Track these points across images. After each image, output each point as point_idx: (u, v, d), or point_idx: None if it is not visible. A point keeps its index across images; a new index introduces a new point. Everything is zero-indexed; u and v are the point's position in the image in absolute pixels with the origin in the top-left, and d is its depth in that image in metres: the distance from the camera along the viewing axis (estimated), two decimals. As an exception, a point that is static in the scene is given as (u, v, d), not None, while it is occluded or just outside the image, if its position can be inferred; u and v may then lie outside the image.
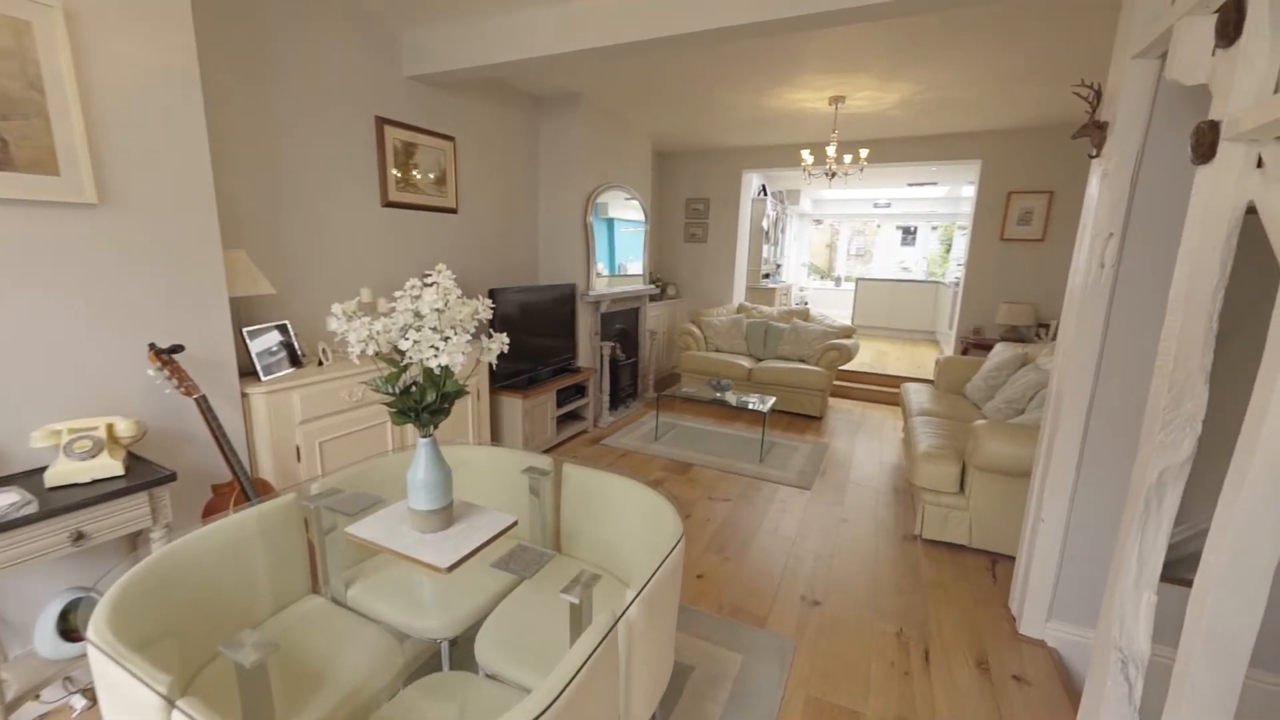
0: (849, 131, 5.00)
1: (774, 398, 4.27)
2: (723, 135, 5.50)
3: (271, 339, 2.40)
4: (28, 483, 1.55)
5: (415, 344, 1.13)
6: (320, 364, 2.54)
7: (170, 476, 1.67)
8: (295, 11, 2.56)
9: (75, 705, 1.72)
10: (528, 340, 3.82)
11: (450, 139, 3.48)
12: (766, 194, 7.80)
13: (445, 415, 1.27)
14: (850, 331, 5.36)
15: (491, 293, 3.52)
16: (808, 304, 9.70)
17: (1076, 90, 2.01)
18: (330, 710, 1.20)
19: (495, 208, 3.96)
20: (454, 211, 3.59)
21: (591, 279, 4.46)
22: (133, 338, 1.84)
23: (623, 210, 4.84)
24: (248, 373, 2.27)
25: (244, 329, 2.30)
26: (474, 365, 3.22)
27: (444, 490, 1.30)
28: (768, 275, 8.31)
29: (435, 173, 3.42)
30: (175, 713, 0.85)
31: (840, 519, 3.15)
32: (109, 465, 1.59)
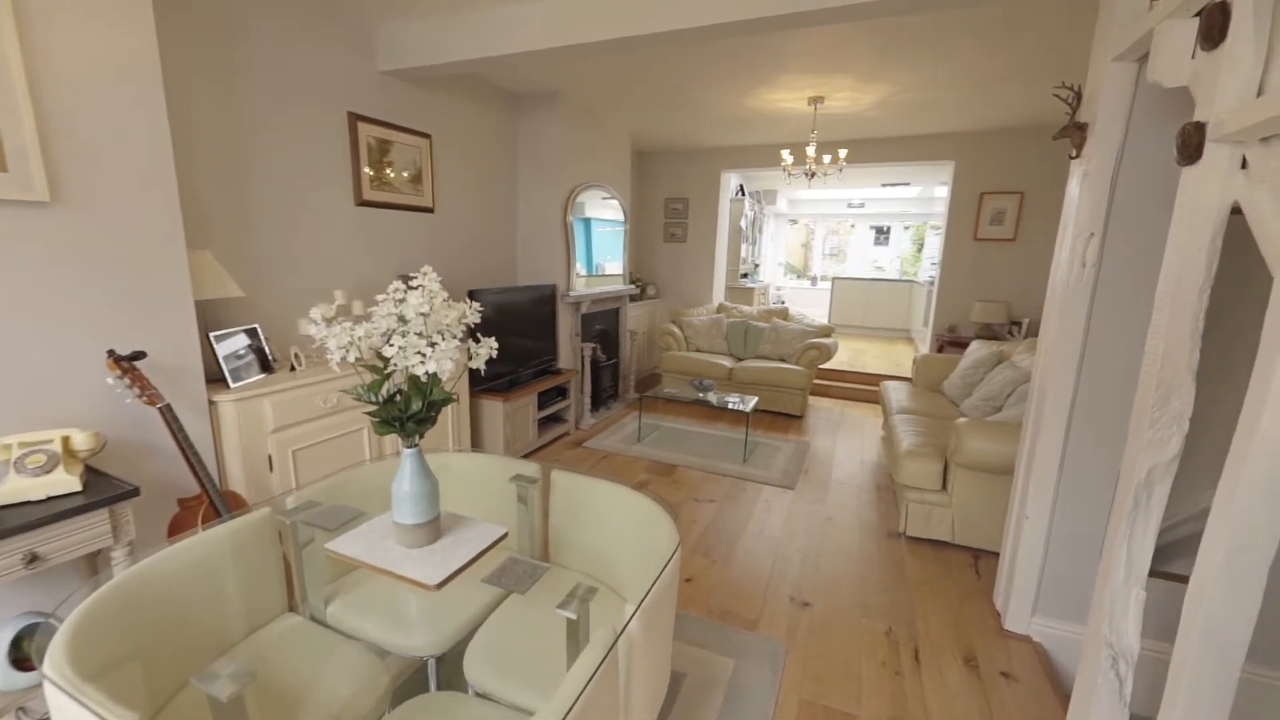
0: (826, 132, 5.04)
1: (756, 397, 4.27)
2: (702, 135, 5.49)
3: (240, 344, 2.29)
4: (-26, 502, 1.43)
5: (401, 350, 1.07)
6: (293, 369, 2.44)
7: (132, 492, 1.57)
8: (263, 0, 2.45)
9: (30, 738, 1.60)
10: (508, 342, 3.74)
11: (426, 136, 3.39)
12: (744, 194, 7.83)
13: (431, 424, 1.22)
14: (829, 330, 5.41)
15: (471, 294, 3.44)
16: (784, 303, 9.78)
17: (1057, 92, 2.04)
18: (312, 738, 1.14)
19: (473, 207, 3.88)
20: (430, 211, 3.50)
21: (572, 279, 4.40)
22: (90, 344, 1.73)
23: (602, 210, 4.79)
24: (215, 379, 2.17)
25: (211, 333, 2.19)
26: (462, 371, 3.15)
27: (431, 502, 1.24)
28: (746, 275, 8.35)
29: (411, 171, 3.32)
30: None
31: (825, 518, 3.16)
32: (65, 481, 1.48)
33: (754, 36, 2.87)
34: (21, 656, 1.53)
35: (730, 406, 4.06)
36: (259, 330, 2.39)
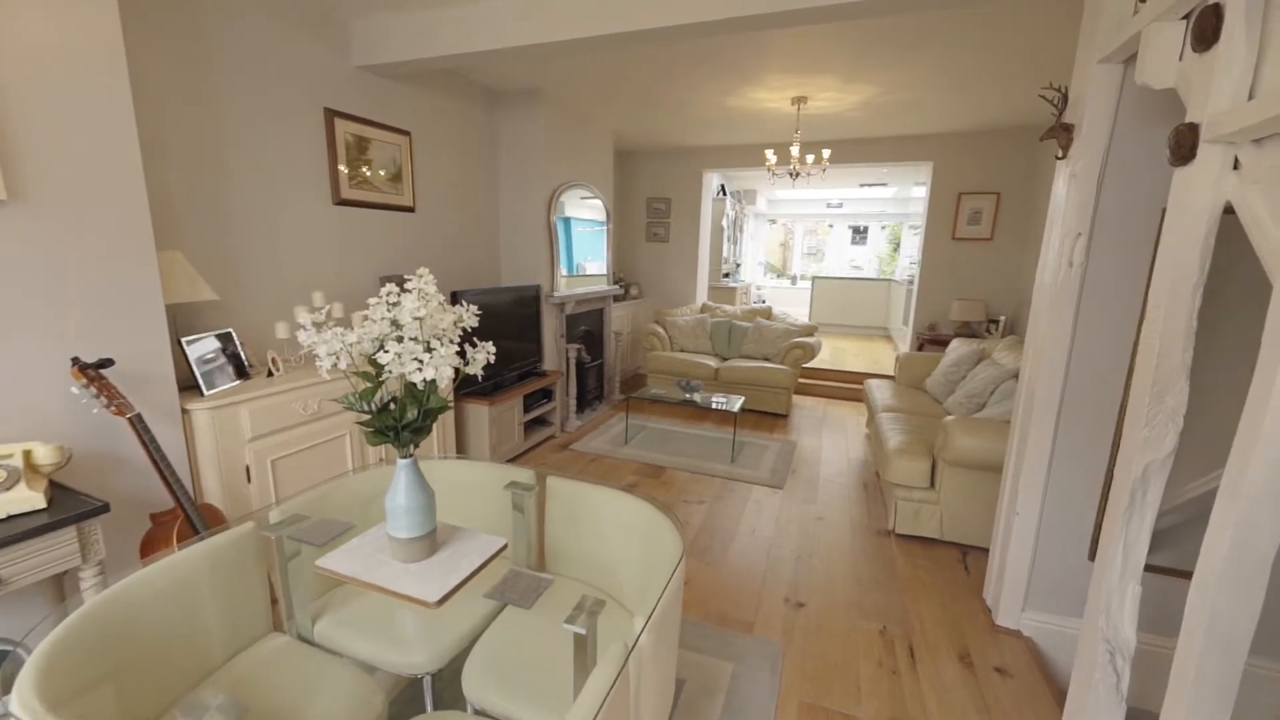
0: (808, 133, 5.07)
1: (743, 397, 4.27)
2: (684, 134, 5.47)
3: (214, 349, 2.19)
4: (-74, 523, 1.33)
5: (397, 357, 1.02)
6: (270, 374, 2.35)
7: (101, 508, 1.48)
8: (234, -9, 2.35)
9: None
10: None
11: (406, 133, 3.30)
12: (726, 193, 7.85)
13: (427, 433, 1.17)
14: (812, 330, 5.44)
15: (454, 295, 3.37)
16: (765, 302, 9.84)
17: (1043, 93, 2.07)
18: (305, 766, 1.08)
19: (455, 206, 3.79)
20: (411, 210, 3.41)
21: (556, 280, 4.34)
22: (53, 351, 1.62)
23: (584, 209, 4.73)
24: (188, 387, 2.06)
25: (182, 339, 2.08)
26: (461, 377, 3.07)
27: (427, 515, 1.19)
28: (728, 274, 8.37)
29: (390, 169, 3.23)
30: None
31: (815, 517, 3.16)
32: (28, 498, 1.39)
33: (737, 35, 2.87)
34: (-19, 687, 1.43)
35: (718, 407, 4.05)
36: (234, 335, 2.29)
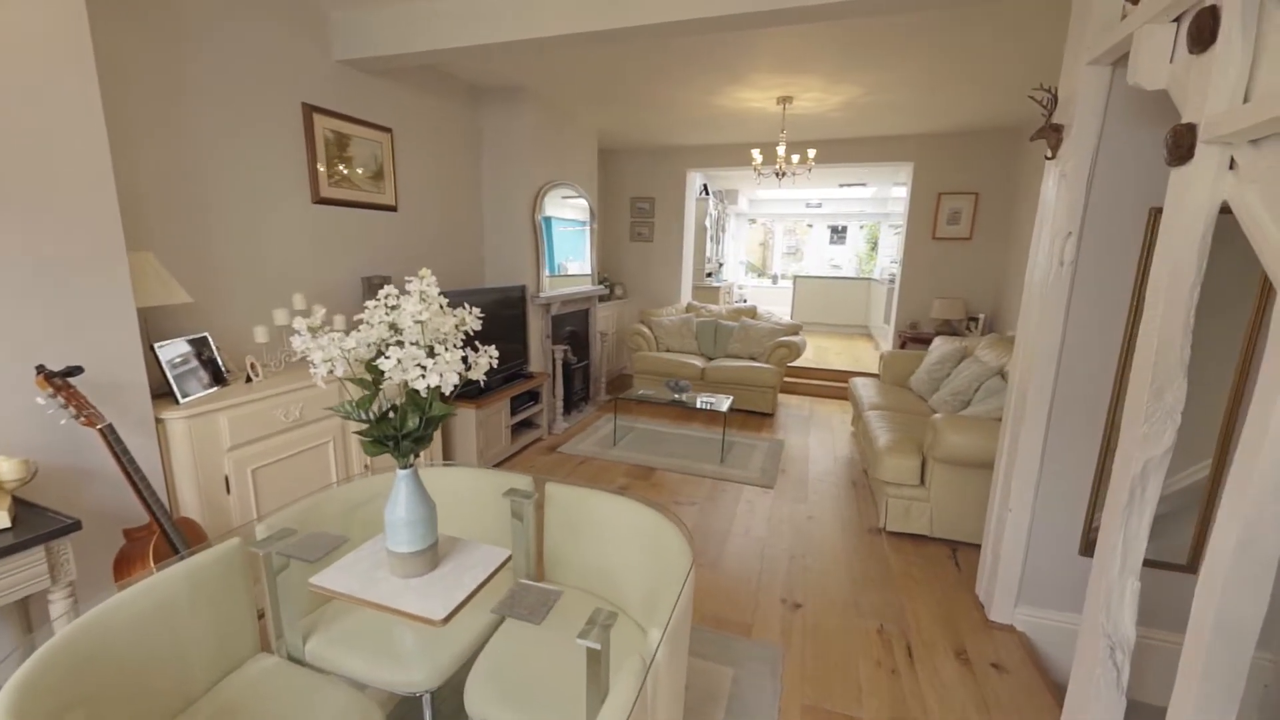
0: (792, 133, 5.08)
1: (731, 397, 4.27)
2: (669, 133, 5.45)
3: (189, 354, 2.09)
4: (-123, 547, 1.23)
5: (399, 363, 0.97)
6: (249, 380, 2.25)
7: (72, 526, 1.39)
8: (206, -20, 2.25)
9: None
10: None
11: (387, 130, 3.21)
12: (708, 193, 7.86)
13: (428, 443, 1.11)
14: (797, 329, 5.47)
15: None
16: (746, 301, 9.89)
17: (1033, 95, 2.09)
18: (302, 797, 1.02)
19: (438, 205, 3.71)
20: (393, 209, 3.32)
21: (542, 280, 4.28)
22: (16, 359, 1.52)
23: (568, 209, 4.67)
24: (162, 394, 1.97)
25: (155, 344, 1.98)
26: (463, 383, 2.99)
27: (429, 527, 1.14)
28: (710, 274, 8.38)
29: (372, 167, 3.14)
30: None
31: (807, 516, 3.17)
32: (-10, 517, 1.30)
33: (727, 34, 2.85)
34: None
35: (706, 407, 4.03)
36: (209, 339, 2.19)
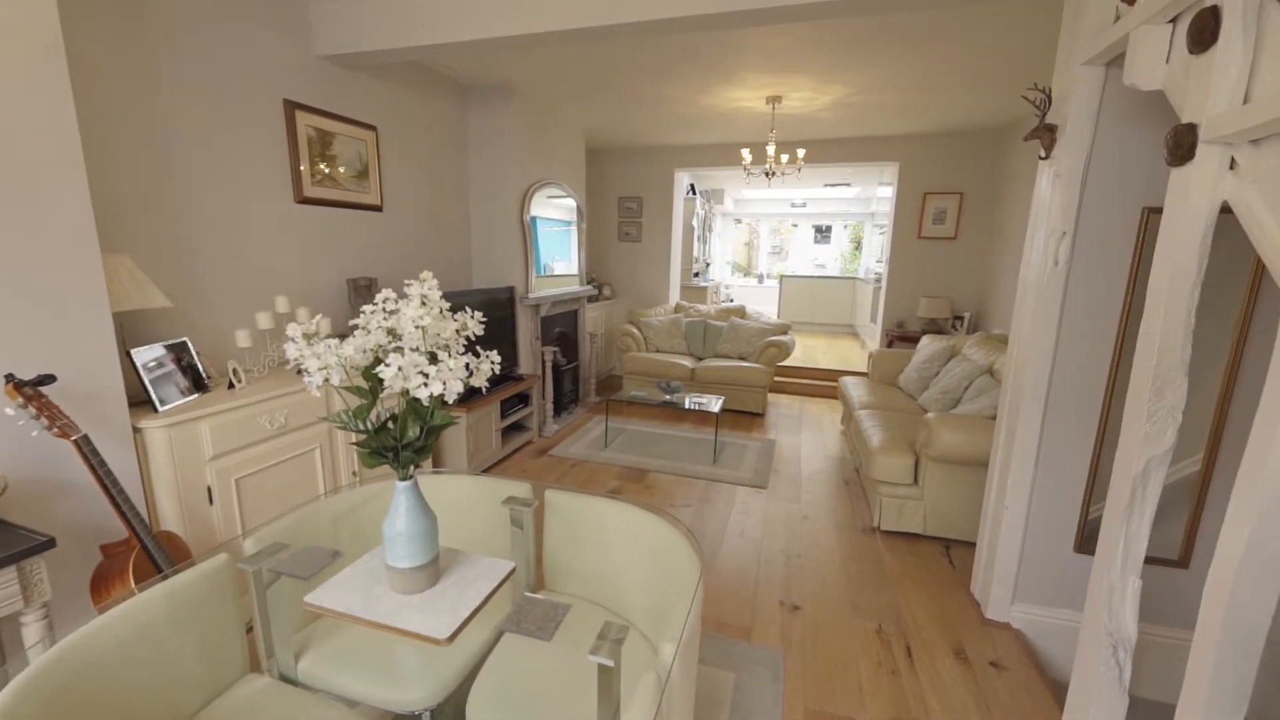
0: (780, 133, 5.09)
1: (722, 397, 4.25)
2: (657, 133, 5.42)
3: (168, 360, 2.01)
4: None
5: (400, 371, 0.92)
6: (232, 386, 2.17)
7: (46, 543, 1.32)
8: (182, -29, 2.16)
9: None
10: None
11: (372, 128, 3.13)
12: (696, 193, 7.85)
13: (429, 453, 1.07)
14: (786, 328, 5.48)
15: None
16: (733, 301, 9.91)
17: (1027, 95, 2.10)
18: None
19: (424, 205, 3.63)
20: (379, 209, 3.25)
21: (530, 281, 4.23)
22: (-18, 368, 1.45)
23: (554, 209, 4.62)
24: (140, 402, 1.88)
25: (132, 350, 1.90)
26: (465, 389, 2.93)
27: (430, 541, 1.10)
28: (698, 274, 8.37)
29: (356, 166, 3.06)
30: None
31: (801, 516, 3.16)
32: (-43, 537, 1.22)
33: (713, 32, 2.83)
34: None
35: (698, 408, 4.02)
36: (189, 344, 2.11)
